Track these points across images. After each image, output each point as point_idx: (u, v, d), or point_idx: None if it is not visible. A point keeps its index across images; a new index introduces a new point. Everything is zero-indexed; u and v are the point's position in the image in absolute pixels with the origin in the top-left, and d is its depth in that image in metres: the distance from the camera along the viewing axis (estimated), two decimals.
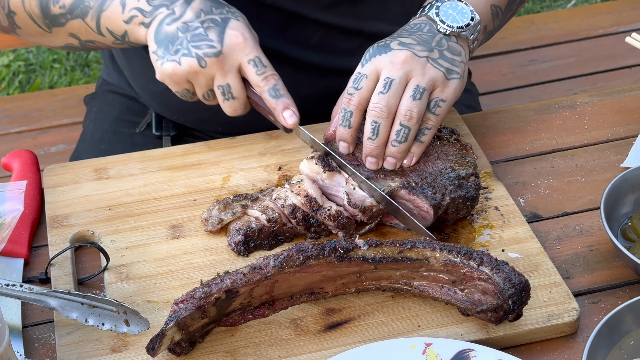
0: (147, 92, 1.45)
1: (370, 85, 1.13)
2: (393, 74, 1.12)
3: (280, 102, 1.14)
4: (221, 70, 1.13)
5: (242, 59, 1.13)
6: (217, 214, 1.14)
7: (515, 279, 1.00)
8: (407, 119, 1.12)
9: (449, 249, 1.02)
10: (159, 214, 1.17)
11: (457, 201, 1.13)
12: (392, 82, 1.11)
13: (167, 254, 1.12)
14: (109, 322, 1.02)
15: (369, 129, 1.12)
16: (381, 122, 1.11)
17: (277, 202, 1.13)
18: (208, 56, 1.12)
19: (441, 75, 1.14)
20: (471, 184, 1.14)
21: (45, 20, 1.23)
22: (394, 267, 1.03)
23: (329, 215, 1.11)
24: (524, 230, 1.15)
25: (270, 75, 1.14)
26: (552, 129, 1.33)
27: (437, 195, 1.12)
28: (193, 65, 1.12)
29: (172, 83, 1.16)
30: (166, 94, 1.39)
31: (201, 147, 1.27)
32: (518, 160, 1.28)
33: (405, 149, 1.13)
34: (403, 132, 1.12)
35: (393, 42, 1.15)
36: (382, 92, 1.11)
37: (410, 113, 1.11)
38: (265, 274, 0.99)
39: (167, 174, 1.23)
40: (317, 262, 1.00)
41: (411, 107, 1.11)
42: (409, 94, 1.12)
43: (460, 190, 1.13)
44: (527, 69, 2.14)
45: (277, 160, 1.25)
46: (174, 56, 1.13)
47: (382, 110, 1.11)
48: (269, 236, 1.13)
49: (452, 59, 1.15)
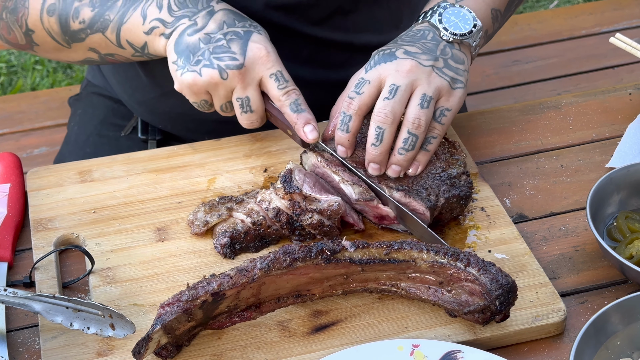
0: (134, 100, 1.45)
1: (373, 91, 1.13)
2: (399, 81, 1.11)
3: (302, 116, 1.14)
4: (242, 82, 1.13)
5: (264, 72, 1.13)
6: (202, 216, 1.14)
7: (502, 279, 1.00)
8: (415, 127, 1.11)
9: (436, 250, 1.02)
10: (144, 217, 1.17)
11: (451, 201, 1.12)
12: (398, 89, 1.11)
13: (153, 256, 1.12)
14: (94, 326, 1.01)
15: (373, 134, 1.11)
16: (386, 127, 1.10)
17: (261, 205, 1.13)
18: (230, 68, 1.12)
19: (446, 85, 1.13)
20: (463, 183, 1.14)
21: (64, 37, 1.22)
22: (381, 268, 1.03)
23: (310, 224, 1.11)
24: (510, 230, 1.15)
25: (292, 90, 1.14)
26: (537, 130, 1.33)
27: (432, 196, 1.12)
28: (214, 77, 1.12)
29: (190, 93, 1.16)
30: (153, 103, 1.41)
31: (186, 149, 1.27)
32: (503, 160, 1.28)
33: (412, 158, 1.13)
34: (411, 140, 1.11)
35: (398, 50, 1.14)
36: (387, 97, 1.11)
37: (419, 121, 1.11)
38: (252, 276, 0.99)
39: (152, 177, 1.22)
40: (304, 264, 1.00)
41: (419, 115, 1.11)
42: (416, 102, 1.11)
43: (453, 190, 1.13)
44: (511, 70, 2.15)
45: (263, 162, 1.24)
46: (195, 67, 1.13)
47: (387, 116, 1.10)
48: (254, 238, 1.12)
49: (456, 68, 1.15)
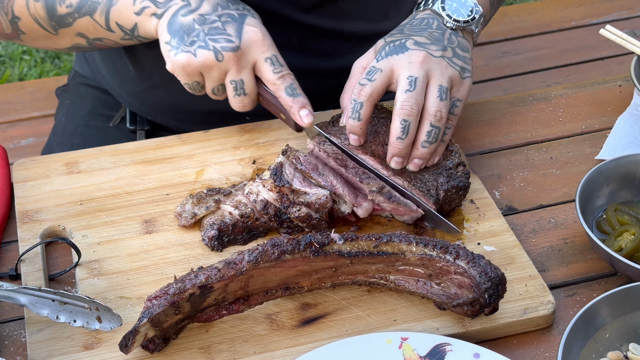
0: (123, 91, 1.44)
1: (384, 80, 1.12)
2: (415, 72, 1.11)
3: (298, 100, 1.14)
4: (237, 65, 1.12)
5: (259, 56, 1.13)
6: (190, 208, 1.13)
7: (491, 272, 0.99)
8: (437, 119, 1.11)
9: (425, 243, 1.02)
10: (132, 209, 1.16)
11: (451, 192, 1.13)
12: (416, 80, 1.10)
13: (140, 249, 1.11)
14: (80, 319, 1.01)
15: (399, 128, 1.10)
16: (411, 120, 1.10)
17: (249, 197, 1.12)
18: (226, 50, 1.11)
19: (457, 75, 1.14)
20: (461, 173, 1.14)
21: (51, 22, 1.21)
22: (370, 261, 1.03)
23: (297, 217, 1.11)
24: (499, 223, 1.15)
25: (287, 74, 1.14)
26: (527, 122, 1.33)
27: (432, 190, 1.12)
28: (209, 58, 1.12)
29: (183, 74, 1.15)
30: (143, 95, 1.40)
31: (174, 141, 1.26)
32: (493, 152, 1.28)
33: (434, 150, 1.13)
34: (434, 132, 1.11)
35: (408, 41, 1.14)
36: (408, 89, 1.10)
37: (440, 113, 1.11)
38: (240, 269, 0.98)
39: (139, 168, 1.22)
40: (293, 256, 1.00)
41: (440, 108, 1.11)
42: (435, 94, 1.11)
43: (452, 181, 1.13)
44: (501, 61, 2.15)
45: (252, 154, 1.24)
46: (190, 47, 1.12)
47: (412, 108, 1.10)
48: (242, 231, 1.12)
49: (464, 57, 1.15)
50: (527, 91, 1.42)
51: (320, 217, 1.11)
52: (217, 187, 1.18)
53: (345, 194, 1.11)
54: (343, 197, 1.11)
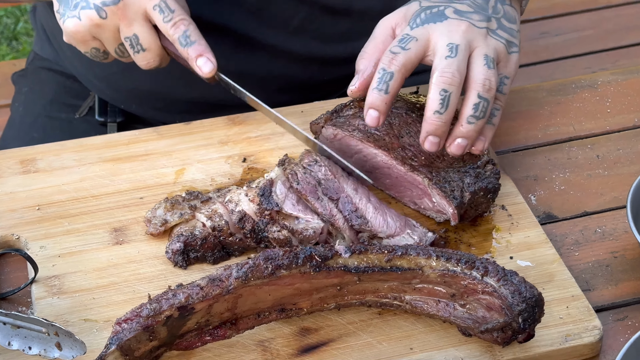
0: (92, 75, 1.45)
1: (420, 50, 1.11)
2: (456, 39, 1.10)
3: (192, 49, 1.15)
4: (125, 19, 1.15)
5: (146, 4, 1.15)
6: (161, 214, 1.13)
7: (526, 292, 0.99)
8: (486, 89, 1.09)
9: (447, 257, 1.01)
10: (99, 215, 1.16)
11: (478, 195, 1.12)
12: (458, 47, 1.10)
13: (109, 262, 1.11)
14: (37, 346, 1.00)
15: (437, 99, 1.08)
16: (452, 90, 1.08)
17: (227, 206, 1.12)
18: (107, 5, 1.14)
19: (503, 48, 1.14)
20: (490, 173, 1.14)
21: None
22: (382, 278, 1.02)
23: (275, 238, 1.09)
24: (535, 233, 1.15)
25: (180, 20, 1.15)
26: (569, 113, 1.33)
27: (456, 192, 1.11)
28: (93, 18, 1.15)
29: (78, 42, 1.19)
30: (115, 79, 1.41)
31: (150, 134, 1.26)
32: (528, 150, 1.28)
33: (481, 128, 1.10)
34: (482, 105, 1.09)
35: (447, 9, 1.14)
36: (449, 55, 1.09)
37: (489, 83, 1.09)
38: (227, 287, 0.98)
39: (108, 167, 1.22)
40: (289, 272, 1.00)
41: (488, 76, 1.09)
42: (481, 61, 1.10)
43: (479, 182, 1.12)
44: (538, 43, 2.15)
45: (242, 150, 1.24)
46: (74, 11, 1.16)
47: (455, 75, 1.08)
48: (214, 247, 1.11)
49: (510, 29, 1.15)
50: (569, 78, 1.42)
51: None
52: (199, 190, 1.18)
53: (345, 228, 1.10)
54: (342, 231, 1.10)
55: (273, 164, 1.22)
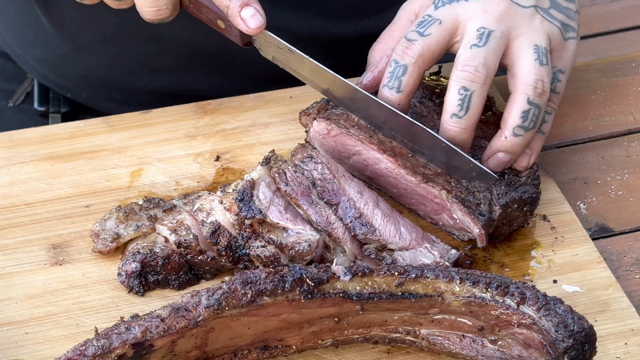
0: (31, 56, 1.46)
1: (444, 36, 1.12)
2: (490, 24, 1.11)
3: None
4: None
5: None
6: (113, 226, 1.13)
7: (573, 324, 0.99)
8: (538, 93, 1.10)
9: (474, 280, 1.01)
10: (33, 228, 1.16)
11: (511, 208, 1.12)
12: (491, 34, 1.10)
13: (45, 288, 1.11)
14: None
15: (455, 99, 1.09)
16: (475, 89, 1.09)
17: (197, 216, 1.12)
18: None
19: (558, 34, 1.14)
20: (527, 180, 1.14)
21: None
22: (391, 307, 1.02)
23: (257, 256, 1.09)
24: (586, 250, 1.15)
25: None
26: (628, 99, 1.34)
27: (482, 205, 1.11)
28: None
29: None
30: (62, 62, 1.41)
31: (98, 126, 1.27)
32: (577, 145, 1.29)
33: (529, 142, 1.12)
34: (532, 113, 1.10)
35: None
36: (476, 44, 1.10)
37: (542, 85, 1.10)
38: (195, 318, 0.98)
39: (46, 167, 1.22)
40: (274, 299, 1.00)
41: (541, 76, 1.10)
42: (530, 56, 1.11)
43: (513, 192, 1.12)
44: (589, 12, 2.17)
45: (214, 146, 1.25)
46: None
47: (479, 70, 1.09)
48: (179, 269, 1.11)
49: (566, 9, 1.15)
50: (628, 54, 1.42)
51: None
52: (161, 196, 1.18)
53: (346, 239, 1.10)
54: (341, 243, 1.11)
55: (254, 163, 1.23)
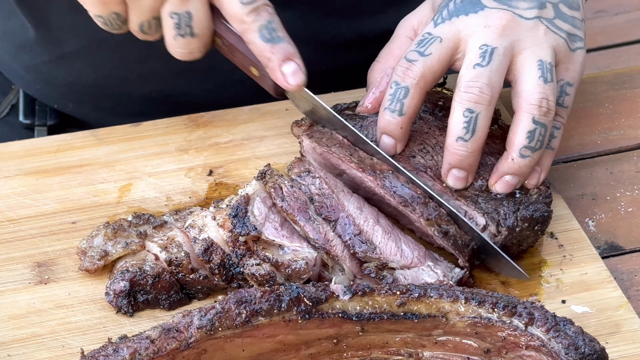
0: (17, 64, 1.46)
1: (445, 55, 1.12)
2: (493, 41, 1.11)
3: (279, 48, 1.10)
4: None
5: None
6: (101, 243, 1.12)
7: (584, 346, 0.98)
8: (542, 112, 1.10)
9: (480, 300, 1.01)
10: (17, 245, 1.16)
11: (520, 227, 1.12)
12: (494, 52, 1.10)
13: (30, 308, 1.10)
14: None
15: (460, 122, 1.10)
16: (480, 111, 1.09)
17: (189, 233, 1.11)
18: None
19: (563, 45, 1.14)
20: (537, 197, 1.13)
21: None
22: (393, 328, 1.02)
23: (252, 274, 1.09)
24: (595, 269, 1.15)
25: (263, 5, 1.11)
26: (637, 112, 1.34)
27: (490, 226, 1.11)
28: None
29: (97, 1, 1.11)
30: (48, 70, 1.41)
31: (86, 139, 1.27)
32: (585, 160, 1.29)
33: (537, 162, 1.12)
34: (538, 133, 1.10)
35: None
36: (479, 64, 1.10)
37: (547, 103, 1.10)
38: (187, 339, 0.97)
39: (30, 182, 1.22)
40: (270, 320, 0.99)
41: (546, 94, 1.10)
42: (534, 73, 1.11)
43: (523, 210, 1.12)
44: (592, 25, 2.17)
45: (207, 160, 1.25)
46: None
47: (484, 92, 1.09)
48: (169, 288, 1.11)
49: (572, 18, 1.15)
50: (636, 66, 1.45)
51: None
52: (151, 212, 1.18)
53: (344, 257, 1.10)
54: (340, 261, 1.10)
55: (248, 177, 1.22)
